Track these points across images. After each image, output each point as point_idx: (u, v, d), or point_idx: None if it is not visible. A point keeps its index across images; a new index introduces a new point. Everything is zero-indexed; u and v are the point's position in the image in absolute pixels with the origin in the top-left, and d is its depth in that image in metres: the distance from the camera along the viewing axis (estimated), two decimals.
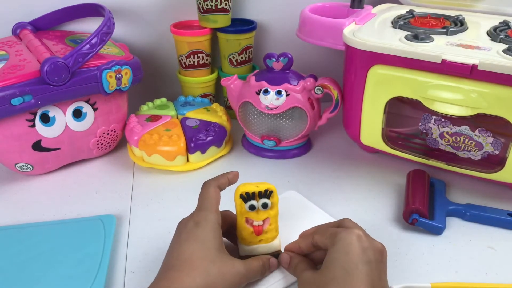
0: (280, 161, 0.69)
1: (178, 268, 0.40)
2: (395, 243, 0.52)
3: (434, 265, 0.49)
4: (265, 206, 0.45)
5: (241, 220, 0.45)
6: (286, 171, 0.67)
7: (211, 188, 0.46)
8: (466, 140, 0.58)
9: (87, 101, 0.63)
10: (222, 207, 0.58)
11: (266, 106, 0.64)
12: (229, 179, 0.48)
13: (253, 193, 0.44)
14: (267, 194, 0.44)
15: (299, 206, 0.57)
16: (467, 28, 0.62)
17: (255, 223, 0.45)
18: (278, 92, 0.63)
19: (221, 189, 0.47)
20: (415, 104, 0.57)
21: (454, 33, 0.60)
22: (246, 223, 0.45)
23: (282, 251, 0.48)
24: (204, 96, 0.79)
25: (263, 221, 0.46)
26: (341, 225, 0.44)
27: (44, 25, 0.73)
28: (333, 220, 0.54)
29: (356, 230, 0.41)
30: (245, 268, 0.42)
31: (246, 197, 0.44)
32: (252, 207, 0.44)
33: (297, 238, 0.51)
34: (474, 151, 0.58)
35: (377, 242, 0.41)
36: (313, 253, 0.45)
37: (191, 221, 0.43)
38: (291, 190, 0.60)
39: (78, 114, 0.63)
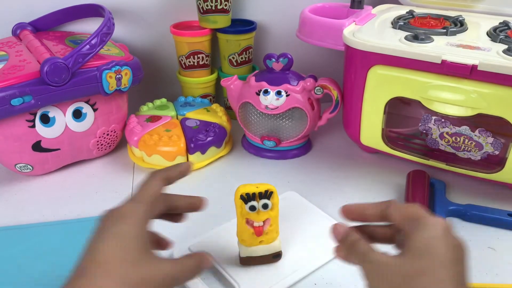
0: (280, 162, 0.69)
1: (90, 273, 0.32)
2: None
3: None
4: (265, 207, 0.45)
5: (242, 221, 0.45)
6: (286, 171, 0.67)
7: (154, 180, 0.40)
8: (466, 140, 0.58)
9: (87, 102, 0.63)
10: (222, 208, 0.58)
11: (266, 107, 0.64)
12: (181, 171, 0.43)
13: (253, 194, 0.44)
14: (268, 194, 0.44)
15: (299, 207, 0.57)
16: (467, 29, 0.62)
17: (256, 224, 0.45)
18: (278, 93, 0.63)
19: (169, 182, 0.41)
20: (415, 105, 0.57)
21: (454, 33, 0.60)
22: (247, 224, 0.45)
23: (283, 251, 0.48)
24: (204, 96, 0.79)
25: (264, 222, 0.45)
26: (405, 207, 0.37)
27: (44, 26, 0.73)
28: (333, 220, 0.54)
29: (443, 220, 0.35)
30: (176, 269, 0.36)
31: (246, 198, 0.44)
32: (252, 208, 0.44)
33: (297, 238, 0.51)
34: (474, 151, 0.58)
35: (459, 238, 0.35)
36: (373, 225, 0.39)
37: (115, 214, 0.36)
38: (291, 190, 0.60)
39: (78, 114, 0.63)
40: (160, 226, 0.55)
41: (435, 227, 0.33)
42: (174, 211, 0.42)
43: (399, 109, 0.62)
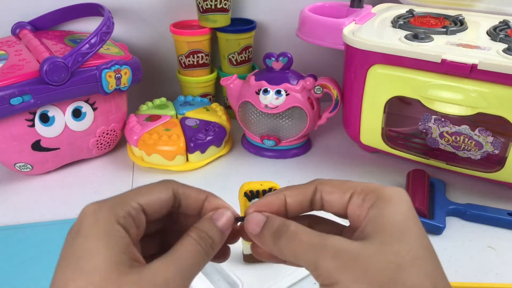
0: (280, 161, 0.69)
1: None
2: None
3: None
4: None
5: None
6: (285, 170, 0.67)
7: (159, 186, 0.29)
8: (466, 139, 0.58)
9: (86, 101, 0.63)
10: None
11: (266, 106, 0.64)
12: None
13: (257, 191, 0.44)
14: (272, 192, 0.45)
15: None
16: (467, 28, 0.62)
17: None
18: (278, 92, 0.63)
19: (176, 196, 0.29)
20: (415, 104, 0.57)
21: (454, 32, 0.60)
22: None
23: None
24: (203, 95, 0.79)
25: None
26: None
27: (44, 25, 0.73)
28: (332, 218, 0.54)
29: (400, 189, 0.27)
30: (175, 267, 0.24)
31: (250, 195, 0.44)
32: None
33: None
34: (474, 150, 0.58)
35: None
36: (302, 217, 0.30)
37: (74, 226, 0.25)
38: None
39: (77, 113, 0.63)
40: None
41: (400, 200, 0.26)
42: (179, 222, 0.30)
43: (399, 109, 0.62)
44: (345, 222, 0.30)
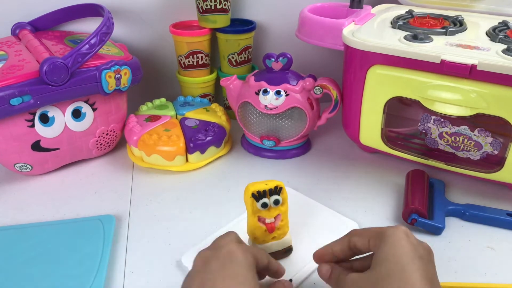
0: (280, 161, 0.69)
1: None
2: None
3: None
4: (276, 202, 0.45)
5: (254, 220, 0.45)
6: (285, 171, 0.67)
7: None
8: (465, 140, 0.58)
9: (86, 101, 0.63)
10: (222, 208, 0.58)
11: (266, 106, 0.64)
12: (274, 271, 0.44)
13: (264, 191, 0.44)
14: (277, 190, 0.45)
15: (297, 202, 0.57)
16: (466, 28, 0.62)
17: (267, 221, 0.46)
18: (278, 92, 0.63)
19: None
20: (415, 104, 0.57)
21: (453, 33, 0.60)
22: (259, 221, 0.45)
23: (292, 247, 0.49)
24: (203, 96, 0.79)
25: (275, 218, 0.46)
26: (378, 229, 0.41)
27: (43, 25, 0.73)
28: (336, 213, 0.56)
29: (403, 227, 0.38)
30: None
31: (257, 195, 0.44)
32: (264, 205, 0.45)
33: (305, 232, 0.52)
34: (473, 151, 0.58)
35: (424, 242, 0.39)
36: (350, 260, 0.43)
37: (225, 255, 0.38)
38: (288, 188, 0.60)
39: (77, 114, 0.63)
40: (159, 224, 0.55)
41: (394, 235, 0.37)
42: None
43: (398, 109, 0.62)
44: None
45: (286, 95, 0.64)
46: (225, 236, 0.41)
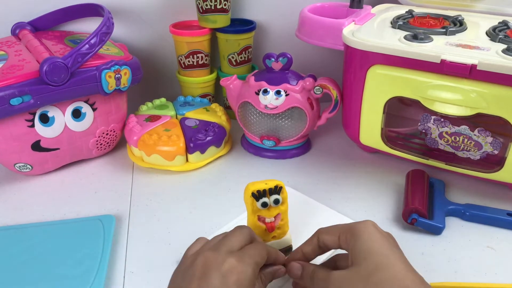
0: (280, 161, 0.69)
1: None
2: None
3: (433, 265, 0.49)
4: (276, 202, 0.45)
5: (254, 219, 0.45)
6: (285, 171, 0.67)
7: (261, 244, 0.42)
8: (465, 140, 0.58)
9: (86, 101, 0.63)
10: (222, 208, 0.58)
11: (266, 106, 0.64)
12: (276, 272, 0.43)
13: (264, 190, 0.44)
14: (277, 190, 0.45)
15: (297, 201, 0.57)
16: (466, 28, 0.62)
17: (267, 220, 0.46)
18: (278, 92, 0.63)
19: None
20: (415, 104, 0.57)
21: (453, 33, 0.60)
22: (259, 221, 0.46)
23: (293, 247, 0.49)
24: (203, 96, 0.79)
25: (275, 217, 0.46)
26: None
27: (43, 25, 0.73)
28: (336, 213, 0.56)
29: (370, 220, 0.39)
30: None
31: (257, 195, 0.44)
32: (264, 205, 0.45)
33: (305, 232, 0.52)
34: (473, 151, 0.58)
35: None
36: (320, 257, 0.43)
37: (221, 271, 0.36)
38: (288, 188, 0.60)
39: (77, 114, 0.63)
40: (159, 224, 0.55)
41: (366, 228, 0.38)
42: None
43: (398, 109, 0.62)
44: None
45: (286, 95, 0.64)
46: (232, 239, 0.40)
